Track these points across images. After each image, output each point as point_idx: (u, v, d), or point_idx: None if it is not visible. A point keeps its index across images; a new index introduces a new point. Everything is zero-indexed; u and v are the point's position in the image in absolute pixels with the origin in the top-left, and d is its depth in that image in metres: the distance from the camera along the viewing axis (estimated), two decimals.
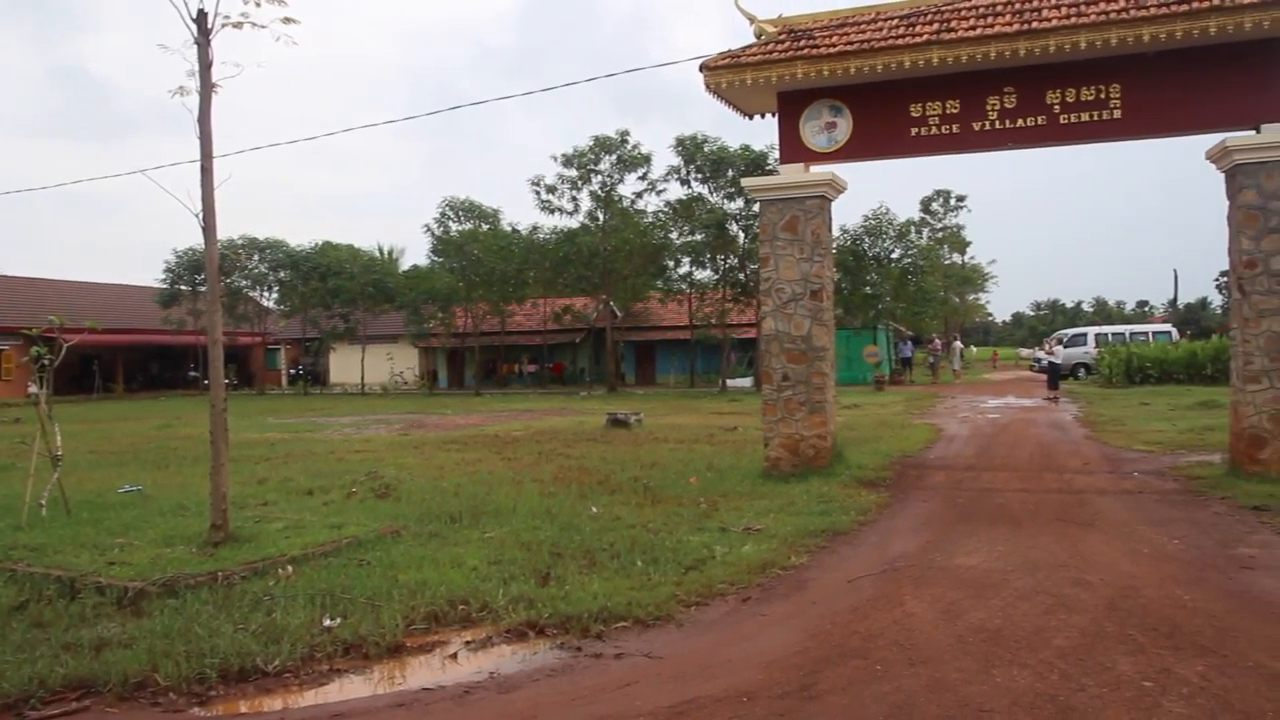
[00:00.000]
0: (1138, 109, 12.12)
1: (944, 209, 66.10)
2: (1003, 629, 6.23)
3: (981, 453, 16.01)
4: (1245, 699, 4.98)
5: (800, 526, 9.60)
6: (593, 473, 13.77)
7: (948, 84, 12.66)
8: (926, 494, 11.86)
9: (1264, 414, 11.50)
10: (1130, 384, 34.05)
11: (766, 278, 13.39)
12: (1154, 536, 9.10)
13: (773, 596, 7.37)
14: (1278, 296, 11.42)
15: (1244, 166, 11.62)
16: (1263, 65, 11.65)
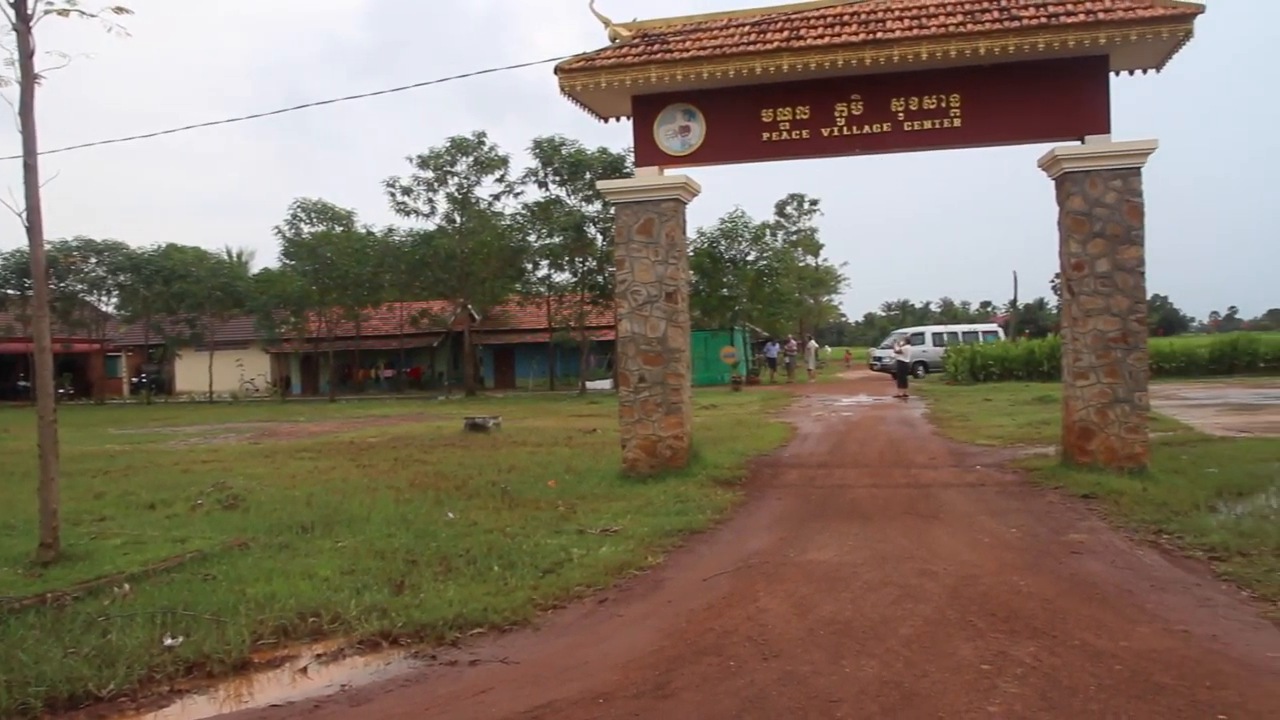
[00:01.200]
0: (976, 118, 12.65)
1: (798, 212, 67.65)
2: (852, 620, 6.41)
3: (834, 450, 16.45)
4: (1071, 675, 5.26)
5: (657, 527, 9.67)
6: (450, 478, 13.59)
7: (798, 90, 12.96)
8: (781, 491, 12.12)
9: (1092, 408, 12.16)
10: (975, 381, 35.52)
11: (622, 280, 13.45)
12: (994, 526, 9.51)
13: (630, 597, 7.41)
14: (1103, 297, 12.10)
15: (1072, 175, 12.25)
16: (1087, 81, 12.32)
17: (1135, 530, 9.06)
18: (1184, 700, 4.90)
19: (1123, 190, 12.06)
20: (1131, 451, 12.01)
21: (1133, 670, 5.34)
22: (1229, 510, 9.63)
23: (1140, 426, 12.13)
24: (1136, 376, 12.06)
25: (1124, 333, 12.05)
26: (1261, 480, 11.03)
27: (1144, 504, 10.03)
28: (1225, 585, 7.13)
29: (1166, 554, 8.18)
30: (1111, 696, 4.96)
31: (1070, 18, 11.77)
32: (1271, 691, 5.01)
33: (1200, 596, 6.87)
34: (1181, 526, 8.95)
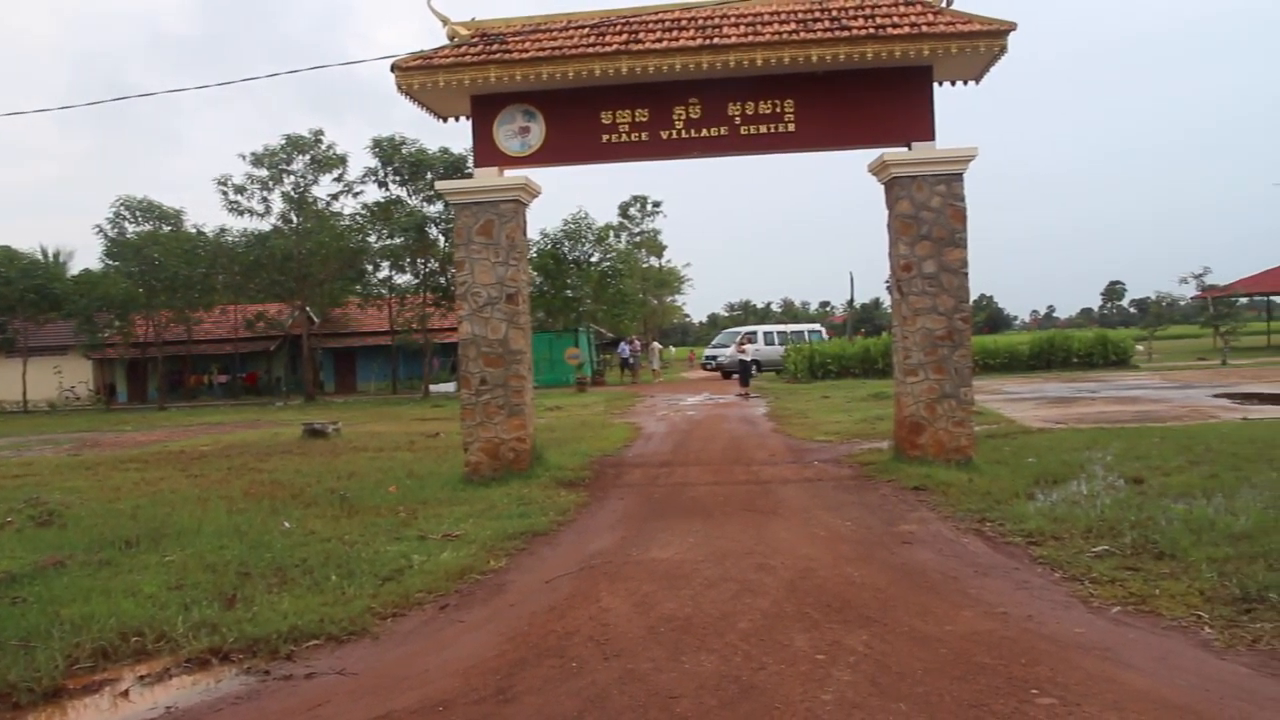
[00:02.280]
0: (809, 123, 13.01)
1: (641, 214, 68.22)
2: (692, 617, 6.50)
3: (677, 449, 16.66)
4: (900, 661, 5.47)
5: (500, 530, 9.59)
6: (286, 486, 13.16)
7: (637, 93, 13.06)
8: (624, 491, 12.20)
9: (921, 403, 12.68)
10: (814, 379, 36.56)
11: (463, 282, 13.29)
12: (830, 520, 9.80)
13: (471, 602, 7.32)
14: (930, 297, 12.64)
15: (900, 179, 12.76)
16: (913, 90, 12.85)
17: (961, 519, 9.49)
18: (1002, 678, 5.15)
19: (947, 195, 12.63)
20: (958, 444, 12.59)
21: (957, 652, 5.59)
22: (1045, 497, 10.17)
23: (966, 420, 12.72)
24: (962, 373, 12.65)
25: (950, 331, 12.62)
26: (1074, 468, 11.70)
27: (969, 494, 10.51)
28: (1041, 568, 7.54)
29: (989, 541, 8.59)
30: (937, 678, 5.18)
31: (896, 29, 12.26)
32: (1077, 664, 5.32)
33: (1019, 580, 7.25)
34: (1003, 514, 9.41)
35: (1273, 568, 6.82)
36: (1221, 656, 5.45)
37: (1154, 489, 10.16)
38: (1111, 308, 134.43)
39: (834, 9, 13.00)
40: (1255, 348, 47.24)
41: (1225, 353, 39.32)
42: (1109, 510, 9.07)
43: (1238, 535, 7.76)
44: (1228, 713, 4.64)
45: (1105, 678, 5.13)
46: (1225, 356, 38.37)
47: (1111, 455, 12.63)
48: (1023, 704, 4.80)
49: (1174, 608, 6.27)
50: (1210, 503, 9.22)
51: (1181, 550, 7.46)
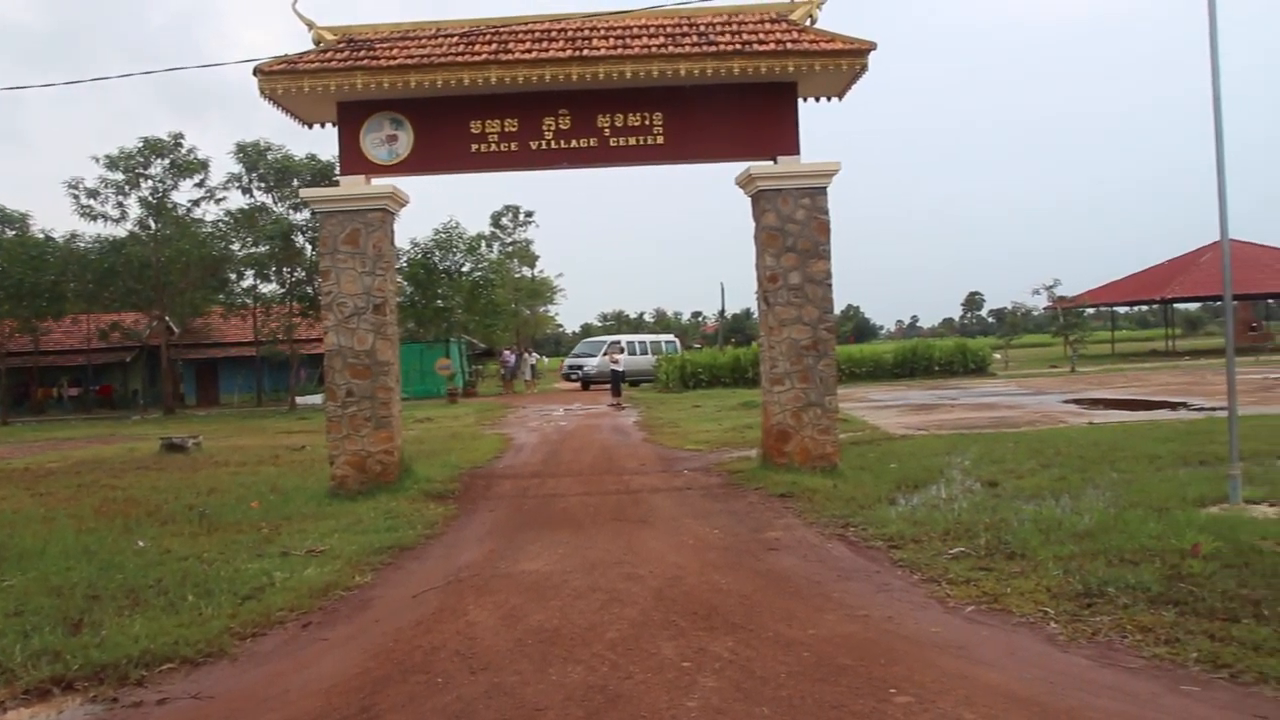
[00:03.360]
0: (678, 136, 13.18)
1: (514, 224, 67.99)
2: (560, 628, 6.48)
3: (548, 459, 16.62)
4: (765, 665, 5.56)
5: (366, 545, 9.39)
6: (141, 503, 12.62)
7: (507, 103, 13.02)
8: (494, 503, 12.10)
9: (788, 411, 12.95)
10: (685, 388, 36.92)
11: (328, 292, 12.99)
12: (698, 528, 9.90)
13: (335, 619, 7.14)
14: (795, 307, 12.92)
15: (765, 192, 13.02)
16: (779, 105, 13.15)
17: (826, 525, 9.71)
18: (862, 679, 5.28)
19: (811, 208, 12.94)
20: (824, 451, 12.89)
21: (819, 655, 5.71)
22: (906, 502, 10.50)
23: (831, 428, 13.04)
24: (826, 381, 12.97)
25: (815, 340, 12.92)
26: (934, 473, 12.12)
27: (834, 500, 10.77)
28: (901, 570, 7.77)
29: (852, 545, 8.82)
30: (800, 681, 5.28)
31: (762, 46, 12.53)
32: (933, 663, 5.50)
33: (880, 582, 7.45)
34: (866, 519, 9.67)
35: (1112, 564, 7.20)
36: (1065, 650, 5.71)
37: (1008, 491, 10.60)
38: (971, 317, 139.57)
39: (702, 24, 13.21)
40: (1101, 355, 49.78)
41: (1074, 360, 41.30)
42: (965, 513, 9.42)
43: (1082, 534, 8.16)
44: (1068, 703, 4.86)
45: (959, 674, 5.31)
46: (1074, 364, 40.31)
47: (969, 460, 13.12)
48: (881, 703, 4.93)
49: (1023, 605, 6.54)
50: (1058, 503, 9.68)
51: (1031, 550, 7.80)
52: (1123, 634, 5.87)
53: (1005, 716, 4.72)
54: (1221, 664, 5.27)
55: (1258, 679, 5.06)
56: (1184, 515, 8.58)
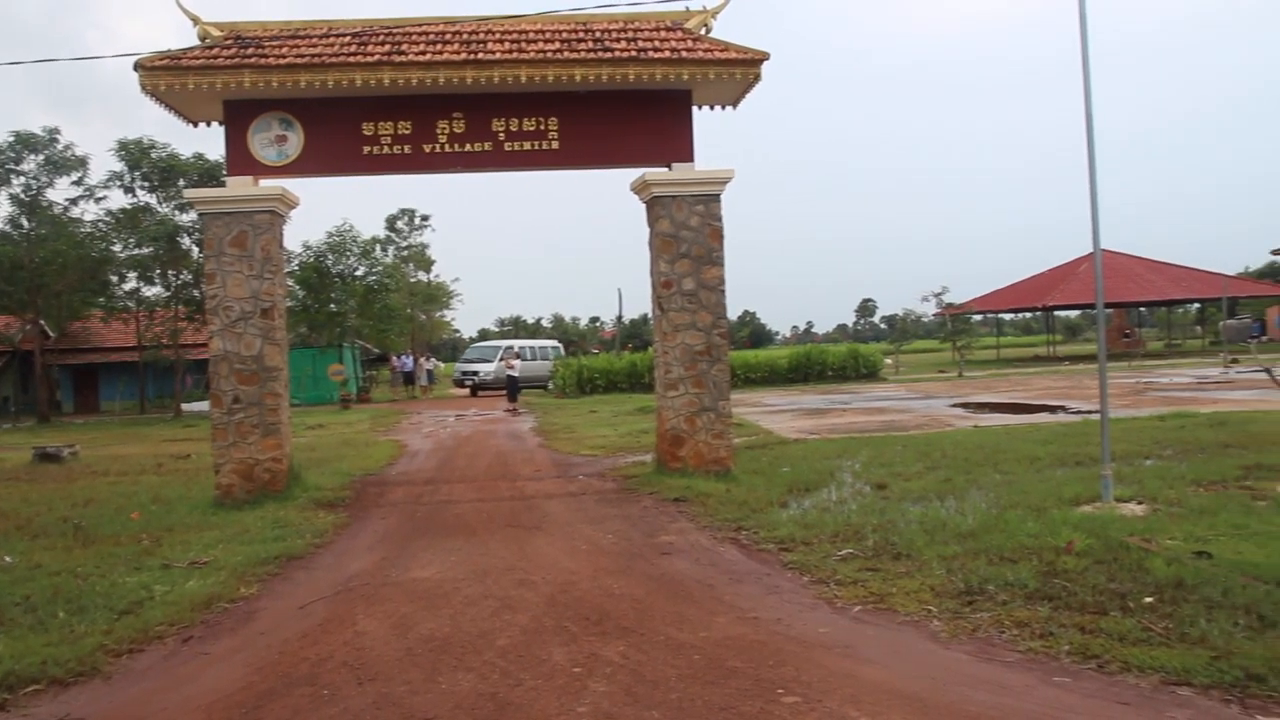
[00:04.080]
0: (573, 141, 13.17)
1: (410, 227, 66.97)
2: (451, 636, 6.41)
3: (442, 466, 16.43)
4: (655, 669, 5.59)
5: (252, 555, 9.15)
6: (10, 516, 12.07)
7: (400, 105, 12.85)
8: (386, 511, 11.91)
9: (682, 416, 13.05)
10: (582, 393, 36.90)
11: (213, 295, 12.63)
12: (592, 533, 9.91)
13: (218, 632, 6.94)
14: (689, 313, 13.03)
15: (660, 199, 13.10)
16: (674, 113, 13.25)
17: (719, 529, 9.81)
18: (751, 680, 5.35)
19: (705, 215, 13.08)
20: (717, 456, 13.02)
21: (709, 658, 5.77)
22: (798, 505, 10.67)
23: (725, 432, 13.18)
24: (720, 386, 13.11)
25: (709, 346, 13.05)
26: (825, 476, 12.35)
27: (727, 504, 10.88)
28: (791, 573, 7.90)
29: (744, 548, 8.93)
30: (690, 684, 5.32)
31: (658, 53, 12.61)
32: (820, 663, 5.61)
33: (770, 585, 7.56)
34: (758, 522, 9.80)
35: (992, 562, 7.44)
36: (946, 646, 5.88)
37: (896, 493, 10.86)
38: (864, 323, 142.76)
39: (598, 30, 13.24)
40: (987, 360, 51.34)
41: (961, 365, 42.52)
42: (855, 515, 9.63)
43: (965, 534, 8.41)
44: (948, 697, 5.01)
45: (845, 673, 5.42)
46: (961, 369, 41.49)
47: (859, 463, 13.41)
48: (769, 704, 5.00)
49: (908, 604, 6.71)
50: (943, 505, 9.96)
51: (917, 550, 8.01)
52: (1001, 629, 6.07)
53: (889, 713, 4.84)
54: (1090, 655, 5.50)
55: (1122, 668, 5.29)
56: (1060, 514, 8.92)
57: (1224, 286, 48.77)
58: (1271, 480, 10.28)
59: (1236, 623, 5.75)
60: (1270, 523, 8.16)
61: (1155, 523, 8.54)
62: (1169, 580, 6.62)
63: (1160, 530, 8.16)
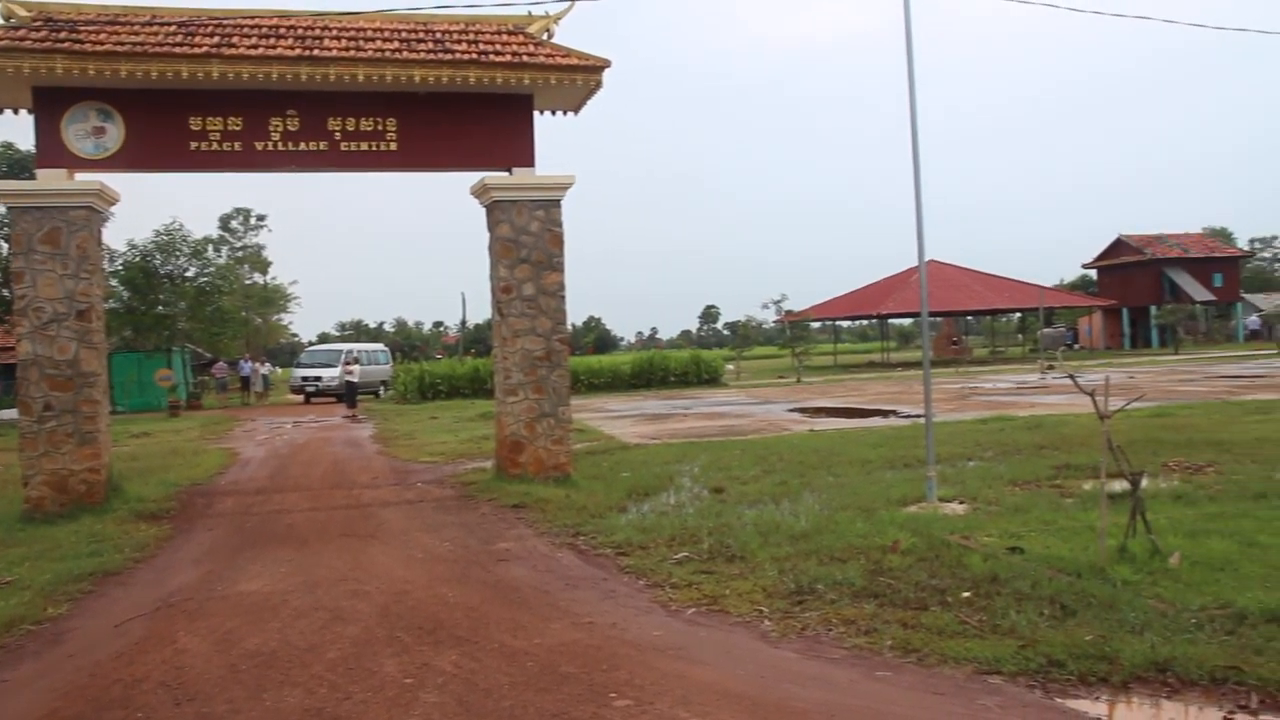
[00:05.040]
0: (412, 144, 12.95)
1: (244, 227, 64.66)
2: (278, 651, 6.19)
3: (276, 474, 15.88)
4: (488, 678, 5.53)
5: (63, 572, 8.61)
6: None
7: (230, 100, 12.36)
8: (213, 522, 11.43)
9: (521, 422, 12.97)
10: (424, 399, 36.27)
11: (22, 295, 11.86)
12: (429, 541, 9.75)
13: (20, 657, 6.50)
14: (529, 318, 12.98)
15: (500, 203, 13.01)
16: (515, 117, 13.19)
17: (557, 535, 9.79)
18: (584, 685, 5.35)
19: (545, 220, 13.05)
20: (557, 461, 13.00)
21: (544, 665, 5.74)
22: (637, 510, 10.76)
23: (564, 438, 13.17)
24: (560, 392, 13.10)
25: (548, 351, 13.03)
26: (664, 481, 12.49)
27: (566, 509, 10.87)
28: (627, 577, 7.95)
29: (582, 554, 8.93)
30: (523, 692, 5.29)
31: (499, 57, 12.53)
32: (653, 665, 5.66)
33: (606, 590, 7.59)
34: (596, 528, 9.83)
35: (823, 563, 7.66)
36: (776, 645, 6.02)
37: (733, 497, 11.07)
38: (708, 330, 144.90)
39: (438, 31, 13.05)
40: (825, 366, 53.00)
41: (800, 371, 43.68)
42: (691, 519, 9.77)
43: (798, 535, 8.64)
44: (776, 695, 5.13)
45: (677, 675, 5.48)
46: (800, 374, 42.62)
47: (698, 467, 13.62)
48: (601, 708, 5.01)
49: (740, 605, 6.85)
50: (778, 507, 10.20)
51: (751, 552, 8.18)
52: (829, 627, 6.26)
53: (718, 713, 4.91)
54: (911, 649, 5.73)
55: (940, 660, 5.54)
56: (888, 515, 9.28)
57: (1040, 297, 51.64)
58: (1079, 479, 10.92)
59: (1042, 613, 6.09)
60: (1076, 518, 8.67)
61: (974, 521, 8.97)
62: (985, 575, 6.96)
63: (979, 528, 8.57)
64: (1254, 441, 13.44)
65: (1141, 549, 7.25)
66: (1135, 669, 5.20)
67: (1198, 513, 8.79)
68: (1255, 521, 8.26)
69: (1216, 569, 6.84)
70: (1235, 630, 5.63)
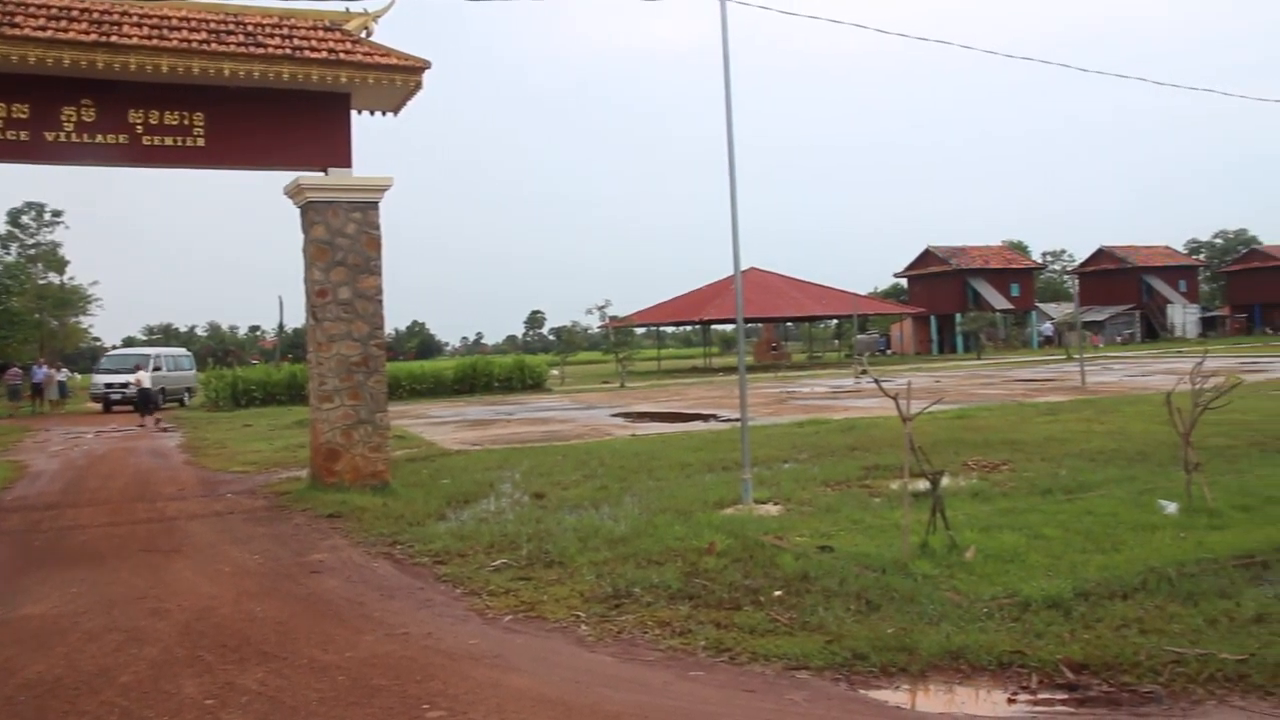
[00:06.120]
0: (221, 140, 12.43)
1: (37, 223, 60.44)
2: (64, 677, 5.80)
3: (70, 488, 14.90)
4: (296, 694, 5.35)
5: None
6: None
7: (14, 86, 11.54)
8: None
9: (337, 429, 12.60)
10: (237, 407, 34.84)
11: None
12: (238, 555, 9.34)
13: None
14: (345, 323, 12.63)
15: (316, 204, 12.62)
16: (332, 116, 12.87)
17: (373, 544, 9.55)
18: (397, 698, 5.23)
19: (362, 222, 12.75)
20: (375, 469, 12.70)
21: (354, 678, 5.58)
22: (456, 517, 10.63)
23: (382, 445, 12.88)
24: (377, 398, 12.80)
25: (365, 357, 12.72)
26: (485, 487, 12.38)
27: (384, 518, 10.63)
28: (444, 586, 7.83)
29: (398, 563, 8.75)
30: (332, 707, 5.13)
31: (314, 53, 12.17)
32: (468, 674, 5.59)
33: (423, 599, 7.45)
34: (414, 536, 9.64)
35: (640, 566, 7.75)
36: (592, 650, 6.05)
37: (553, 502, 11.06)
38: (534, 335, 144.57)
39: (250, 24, 12.57)
40: (648, 372, 53.63)
41: (624, 376, 44.07)
42: (511, 525, 9.71)
43: (617, 539, 8.71)
44: (590, 699, 5.15)
45: (491, 683, 5.43)
46: (624, 380, 43.02)
47: (520, 473, 13.56)
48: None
49: (557, 610, 6.84)
50: (599, 512, 10.27)
51: (569, 557, 8.20)
52: (644, 630, 6.33)
53: (533, 719, 4.89)
54: (724, 649, 5.86)
55: (751, 658, 5.69)
56: (705, 517, 9.45)
57: (854, 304, 53.81)
58: (887, 479, 11.42)
59: (849, 608, 6.33)
60: (883, 517, 9.05)
61: (788, 521, 9.24)
62: (796, 574, 7.19)
63: (792, 528, 8.84)
64: (1043, 440, 14.37)
65: (941, 544, 7.64)
66: (932, 658, 5.48)
67: (992, 508, 9.33)
68: (1041, 515, 8.82)
69: (1007, 561, 7.27)
70: (1020, 617, 6.01)
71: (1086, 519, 8.61)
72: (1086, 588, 6.45)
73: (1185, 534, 7.94)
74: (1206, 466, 9.72)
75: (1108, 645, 5.47)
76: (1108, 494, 9.82)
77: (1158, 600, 6.23)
